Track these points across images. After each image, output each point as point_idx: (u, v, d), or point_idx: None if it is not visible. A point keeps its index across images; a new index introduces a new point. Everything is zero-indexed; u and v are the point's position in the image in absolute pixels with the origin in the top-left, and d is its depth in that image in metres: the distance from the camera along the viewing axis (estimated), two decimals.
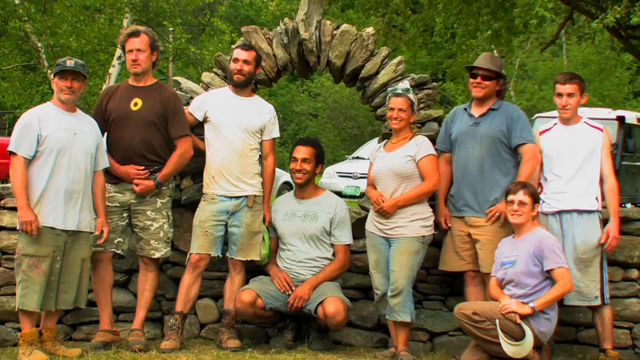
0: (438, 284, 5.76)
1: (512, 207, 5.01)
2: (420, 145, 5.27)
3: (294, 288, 5.41)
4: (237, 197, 5.43)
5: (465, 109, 5.48)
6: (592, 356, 5.46)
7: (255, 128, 5.50)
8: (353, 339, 5.75)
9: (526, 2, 12.02)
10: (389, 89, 5.46)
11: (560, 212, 5.19)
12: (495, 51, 18.41)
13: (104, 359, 4.97)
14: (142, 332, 5.37)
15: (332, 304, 5.25)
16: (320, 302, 5.29)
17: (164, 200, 5.45)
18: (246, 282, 5.53)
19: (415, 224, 5.21)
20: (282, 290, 5.40)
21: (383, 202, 5.23)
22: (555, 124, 5.40)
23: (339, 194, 16.01)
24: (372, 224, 5.33)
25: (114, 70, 18.18)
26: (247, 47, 5.59)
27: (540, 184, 5.30)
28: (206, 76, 6.02)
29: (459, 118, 5.48)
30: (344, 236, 5.59)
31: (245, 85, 5.54)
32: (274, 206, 5.72)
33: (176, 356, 5.10)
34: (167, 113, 5.38)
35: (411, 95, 5.33)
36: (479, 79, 5.40)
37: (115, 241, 5.35)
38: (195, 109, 5.54)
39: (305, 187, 5.67)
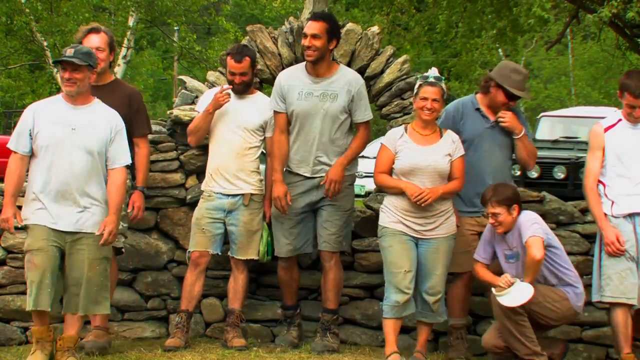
0: None
1: (490, 221, 4.96)
2: (457, 144, 5.10)
3: (289, 202, 5.30)
4: (234, 196, 5.41)
5: (478, 109, 5.32)
6: (597, 355, 5.45)
7: (255, 126, 5.47)
8: (358, 337, 5.75)
9: (525, 0, 12.01)
10: (419, 76, 5.16)
11: (632, 215, 4.96)
12: (500, 50, 18.42)
13: (109, 358, 4.98)
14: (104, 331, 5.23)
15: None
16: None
17: None
18: (250, 281, 5.53)
19: (450, 221, 5.09)
20: (281, 207, 5.28)
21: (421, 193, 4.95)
22: (620, 119, 5.08)
23: None
24: (402, 223, 5.03)
25: (119, 69, 18.19)
26: (238, 57, 5.40)
27: (600, 181, 5.06)
28: (211, 75, 6.02)
29: (469, 117, 5.32)
30: (363, 113, 5.40)
31: (244, 91, 5.51)
32: (280, 83, 5.42)
33: (181, 355, 5.11)
34: (131, 112, 5.21)
35: (443, 85, 5.10)
36: (512, 103, 5.30)
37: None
38: (201, 107, 5.53)
39: (318, 64, 5.35)
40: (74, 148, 4.72)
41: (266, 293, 5.82)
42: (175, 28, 21.03)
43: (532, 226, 4.82)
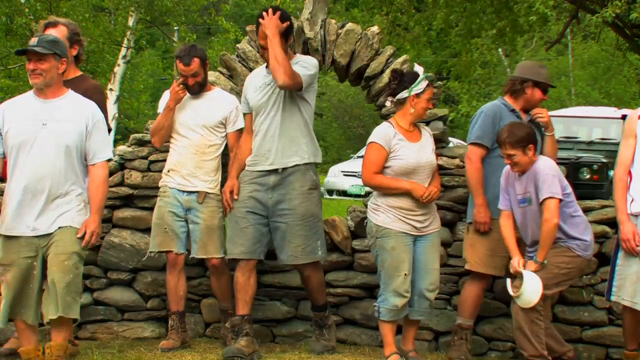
0: (443, 282, 5.75)
1: (506, 161, 4.90)
2: (431, 138, 5.19)
3: (235, 197, 5.23)
4: (190, 192, 5.35)
5: (513, 111, 5.25)
6: (597, 355, 5.46)
7: (214, 122, 5.41)
8: (358, 337, 5.76)
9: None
10: (426, 75, 5.08)
11: None
12: (500, 50, 18.43)
13: (109, 358, 4.99)
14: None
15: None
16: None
17: None
18: (232, 279, 5.41)
19: (437, 216, 5.16)
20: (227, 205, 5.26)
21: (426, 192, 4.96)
22: None
23: (344, 193, 16.08)
24: (404, 222, 4.98)
25: (119, 69, 18.20)
26: (187, 59, 5.36)
27: (630, 173, 4.84)
28: (211, 75, 6.01)
29: (507, 118, 5.19)
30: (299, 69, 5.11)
31: (200, 91, 5.46)
32: (244, 84, 5.46)
33: (181, 355, 5.12)
34: None
35: None
36: (546, 97, 5.35)
37: None
38: (162, 109, 5.48)
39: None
40: (45, 144, 4.40)
41: (266, 293, 5.81)
42: (175, 28, 21.03)
43: (552, 182, 4.71)
